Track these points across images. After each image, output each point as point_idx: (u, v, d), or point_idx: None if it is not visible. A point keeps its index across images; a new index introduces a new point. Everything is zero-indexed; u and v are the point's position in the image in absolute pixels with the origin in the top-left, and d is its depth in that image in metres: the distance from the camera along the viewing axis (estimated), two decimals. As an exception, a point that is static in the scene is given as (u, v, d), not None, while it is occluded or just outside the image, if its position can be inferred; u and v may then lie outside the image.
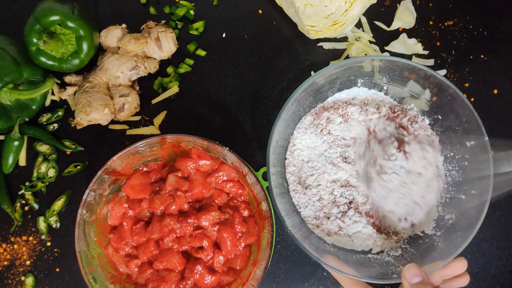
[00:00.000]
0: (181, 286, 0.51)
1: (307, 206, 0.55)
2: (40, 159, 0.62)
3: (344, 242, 0.53)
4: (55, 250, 0.60)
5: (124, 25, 0.63)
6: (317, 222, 0.54)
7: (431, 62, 0.63)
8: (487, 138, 0.49)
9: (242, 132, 0.63)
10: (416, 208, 0.53)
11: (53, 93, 0.63)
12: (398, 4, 0.65)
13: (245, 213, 0.55)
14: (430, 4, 0.66)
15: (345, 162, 0.56)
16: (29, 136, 0.62)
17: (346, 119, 0.57)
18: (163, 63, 0.64)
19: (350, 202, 0.54)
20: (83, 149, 0.62)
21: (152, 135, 0.58)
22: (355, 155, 0.56)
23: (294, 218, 0.54)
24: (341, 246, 0.53)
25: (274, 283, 0.59)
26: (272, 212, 0.52)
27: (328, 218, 0.54)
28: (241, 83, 0.64)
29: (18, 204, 0.61)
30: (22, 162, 0.62)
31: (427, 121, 0.56)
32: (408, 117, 0.57)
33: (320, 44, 0.64)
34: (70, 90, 0.60)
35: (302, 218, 0.55)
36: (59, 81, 0.63)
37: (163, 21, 0.65)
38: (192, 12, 0.66)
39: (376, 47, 0.64)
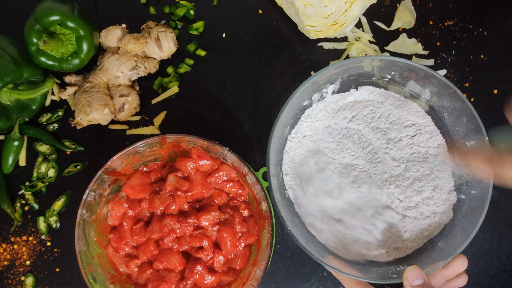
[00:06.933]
0: (181, 286, 0.51)
1: (307, 207, 0.55)
2: (40, 159, 0.62)
3: (345, 246, 0.53)
4: (55, 250, 0.60)
5: (124, 25, 0.63)
6: (317, 223, 0.54)
7: (431, 62, 0.63)
8: (487, 138, 0.49)
9: (242, 132, 0.63)
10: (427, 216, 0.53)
11: (53, 93, 0.63)
12: (398, 4, 0.65)
13: (245, 213, 0.55)
14: (430, 4, 0.66)
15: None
16: (29, 136, 0.62)
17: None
18: (163, 63, 0.64)
19: (352, 203, 0.54)
20: (83, 149, 0.62)
21: (152, 135, 0.58)
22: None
23: (294, 218, 0.54)
24: (340, 251, 0.53)
25: (274, 283, 0.59)
26: (272, 212, 0.52)
27: (329, 218, 0.54)
28: (241, 83, 0.64)
29: (18, 204, 0.61)
30: (22, 162, 0.62)
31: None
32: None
33: (320, 44, 0.64)
34: (70, 90, 0.60)
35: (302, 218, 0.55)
36: (59, 81, 0.63)
37: (163, 21, 0.65)
38: (192, 12, 0.66)
39: (376, 47, 0.64)
